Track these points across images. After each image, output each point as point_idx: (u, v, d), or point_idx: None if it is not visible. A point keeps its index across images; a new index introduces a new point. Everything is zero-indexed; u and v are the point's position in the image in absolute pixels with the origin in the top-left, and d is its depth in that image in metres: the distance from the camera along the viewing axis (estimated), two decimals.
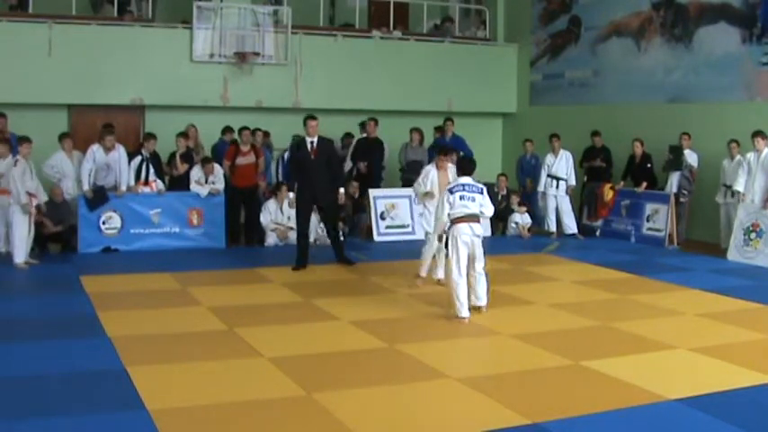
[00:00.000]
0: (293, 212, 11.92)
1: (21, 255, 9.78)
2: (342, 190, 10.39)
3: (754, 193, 11.01)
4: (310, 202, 10.16)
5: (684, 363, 6.45)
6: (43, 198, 10.34)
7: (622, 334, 7.24)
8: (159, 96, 13.66)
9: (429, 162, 13.57)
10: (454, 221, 7.60)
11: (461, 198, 7.63)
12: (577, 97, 15.33)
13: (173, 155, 12.13)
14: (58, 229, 10.82)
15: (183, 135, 12.17)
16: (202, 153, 12.67)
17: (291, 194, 10.44)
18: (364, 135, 13.57)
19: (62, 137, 11.41)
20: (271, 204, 11.82)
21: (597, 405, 5.38)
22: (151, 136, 11.81)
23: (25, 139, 10.20)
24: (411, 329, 7.42)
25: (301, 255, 10.12)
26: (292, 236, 11.82)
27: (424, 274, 9.08)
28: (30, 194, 9.88)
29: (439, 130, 14.58)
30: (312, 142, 9.99)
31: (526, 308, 8.27)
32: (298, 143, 10.33)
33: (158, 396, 5.37)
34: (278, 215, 11.76)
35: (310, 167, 9.99)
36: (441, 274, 8.91)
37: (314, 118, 10.05)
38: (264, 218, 11.77)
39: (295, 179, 10.32)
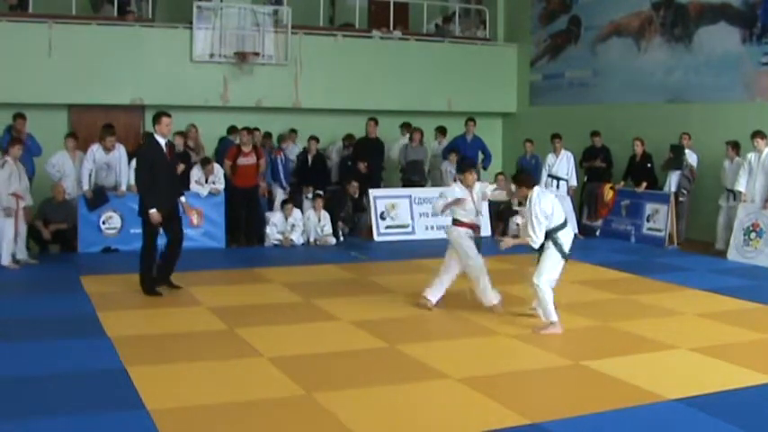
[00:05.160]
0: (298, 222, 11.91)
1: (6, 257, 9.76)
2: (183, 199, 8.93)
3: (754, 193, 11.03)
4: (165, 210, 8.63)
5: (684, 363, 6.45)
6: (29, 201, 10.22)
7: (622, 334, 7.24)
8: (159, 96, 13.63)
9: (444, 159, 13.67)
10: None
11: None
12: (577, 97, 15.33)
13: None
14: (63, 226, 10.82)
15: (181, 134, 12.15)
16: (202, 153, 12.66)
17: (154, 210, 8.40)
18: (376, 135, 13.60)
19: (66, 137, 11.43)
20: (275, 217, 11.84)
21: (597, 405, 5.38)
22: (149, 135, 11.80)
23: (17, 141, 10.17)
24: (411, 329, 7.42)
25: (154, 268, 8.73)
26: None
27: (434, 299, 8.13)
28: (16, 195, 9.80)
29: (441, 131, 14.59)
30: (166, 143, 8.59)
31: (526, 308, 8.25)
32: (150, 143, 8.60)
33: (158, 396, 5.37)
34: (284, 227, 11.79)
35: (167, 171, 8.68)
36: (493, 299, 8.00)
37: (168, 115, 8.54)
38: (271, 230, 11.83)
39: (150, 184, 8.44)
